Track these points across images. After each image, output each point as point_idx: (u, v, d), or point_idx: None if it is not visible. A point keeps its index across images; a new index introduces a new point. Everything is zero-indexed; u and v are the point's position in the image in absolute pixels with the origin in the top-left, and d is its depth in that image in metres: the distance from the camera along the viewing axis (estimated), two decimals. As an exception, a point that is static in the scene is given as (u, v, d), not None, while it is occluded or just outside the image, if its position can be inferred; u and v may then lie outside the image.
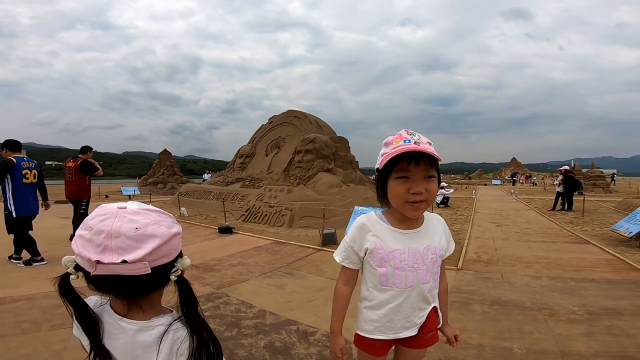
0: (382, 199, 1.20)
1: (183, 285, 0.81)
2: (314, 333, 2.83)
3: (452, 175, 60.78)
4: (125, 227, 0.71)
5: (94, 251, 0.70)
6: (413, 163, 1.07)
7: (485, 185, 36.53)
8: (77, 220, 6.26)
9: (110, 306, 0.82)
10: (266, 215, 9.02)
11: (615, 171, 50.17)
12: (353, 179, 11.93)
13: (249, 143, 14.25)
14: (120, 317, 0.80)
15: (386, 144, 1.14)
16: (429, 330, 1.24)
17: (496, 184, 36.65)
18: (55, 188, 13.07)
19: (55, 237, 6.53)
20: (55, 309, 3.12)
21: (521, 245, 6.38)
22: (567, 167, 13.40)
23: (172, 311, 0.86)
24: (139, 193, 18.02)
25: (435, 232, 1.23)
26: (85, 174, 6.38)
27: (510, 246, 6.27)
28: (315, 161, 11.04)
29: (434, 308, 1.26)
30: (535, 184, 36.67)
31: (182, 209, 10.63)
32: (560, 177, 12.72)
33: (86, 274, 0.73)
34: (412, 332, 1.21)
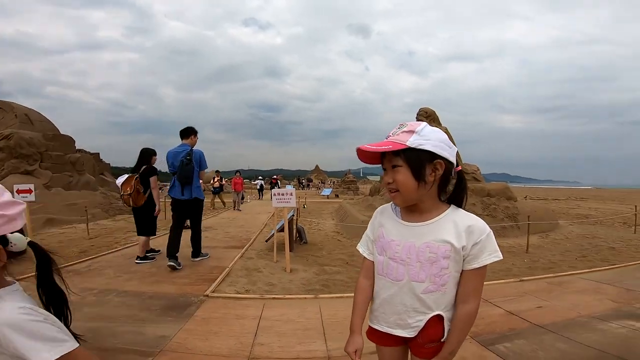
0: None
1: (40, 255, 0.92)
2: None
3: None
4: None
5: None
6: (384, 156, 1.08)
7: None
8: None
9: None
10: None
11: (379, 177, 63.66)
12: (74, 182, 10.65)
13: None
14: None
15: None
16: (429, 339, 1.10)
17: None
18: None
19: None
20: None
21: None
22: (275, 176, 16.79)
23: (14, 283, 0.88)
24: None
25: (446, 231, 1.07)
26: None
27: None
28: (8, 161, 9.26)
29: (439, 317, 1.09)
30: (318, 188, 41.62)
31: None
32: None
33: None
34: (408, 333, 1.11)
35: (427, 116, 11.69)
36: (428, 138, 1.02)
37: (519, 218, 8.18)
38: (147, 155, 5.13)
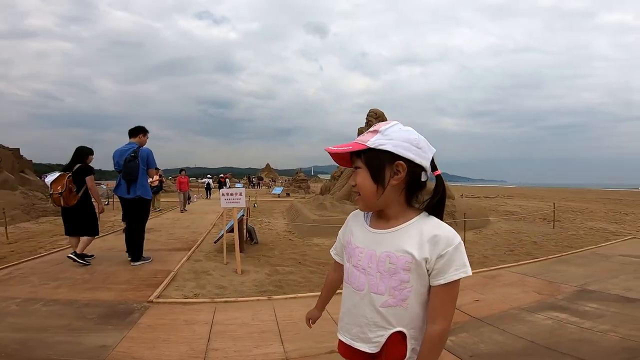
0: None
1: None
2: None
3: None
4: None
5: None
6: (350, 159, 1.03)
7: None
8: None
9: None
10: None
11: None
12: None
13: None
14: None
15: None
16: (392, 359, 0.98)
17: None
18: None
19: None
20: None
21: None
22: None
23: None
24: None
25: (409, 239, 0.95)
26: None
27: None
28: None
29: (401, 335, 0.97)
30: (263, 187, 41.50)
31: None
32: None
33: None
34: (369, 348, 1.01)
35: (376, 117, 12.16)
36: (390, 137, 0.93)
37: (457, 215, 8.84)
38: (82, 153, 4.86)
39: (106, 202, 15.48)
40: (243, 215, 6.43)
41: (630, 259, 4.90)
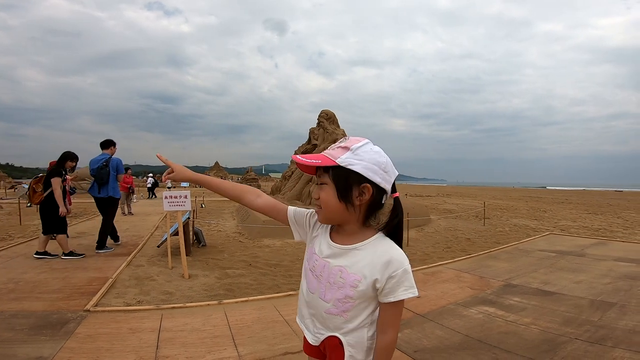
0: None
1: None
2: None
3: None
4: None
5: None
6: (317, 171, 1.04)
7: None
8: None
9: None
10: None
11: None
12: None
13: None
14: None
15: None
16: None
17: None
18: None
19: None
20: None
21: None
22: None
23: None
24: None
25: (363, 260, 1.01)
26: None
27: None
28: None
29: (339, 341, 1.04)
30: None
31: None
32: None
33: None
34: (312, 339, 1.11)
35: (327, 118, 12.38)
36: (361, 158, 0.96)
37: (402, 216, 9.36)
38: (61, 158, 5.45)
39: (28, 204, 13.83)
40: (189, 217, 6.18)
41: (547, 254, 5.59)
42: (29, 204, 5.03)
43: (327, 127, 11.93)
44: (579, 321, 2.93)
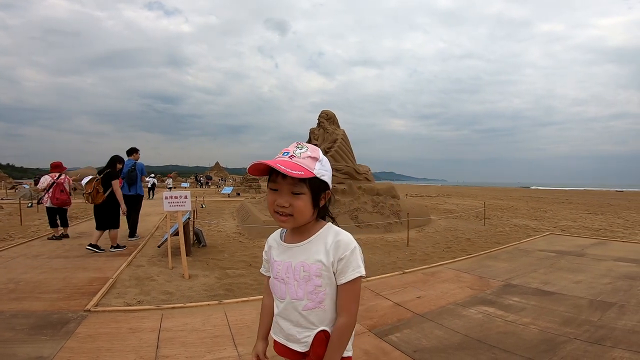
0: None
1: None
2: None
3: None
4: None
5: None
6: (281, 176, 1.04)
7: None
8: None
9: None
10: None
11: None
12: None
13: None
14: None
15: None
16: (316, 356, 1.10)
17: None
18: None
19: None
20: None
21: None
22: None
23: None
24: None
25: (317, 249, 1.10)
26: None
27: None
28: None
29: (325, 334, 1.10)
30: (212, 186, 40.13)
31: None
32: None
33: None
34: (300, 348, 1.13)
35: (327, 118, 12.38)
36: (327, 169, 1.09)
37: (401, 214, 9.36)
38: (112, 161, 6.28)
39: (29, 204, 13.87)
40: (189, 218, 6.19)
41: (547, 254, 5.60)
42: (90, 203, 5.67)
43: (327, 128, 11.94)
44: (579, 321, 2.94)
